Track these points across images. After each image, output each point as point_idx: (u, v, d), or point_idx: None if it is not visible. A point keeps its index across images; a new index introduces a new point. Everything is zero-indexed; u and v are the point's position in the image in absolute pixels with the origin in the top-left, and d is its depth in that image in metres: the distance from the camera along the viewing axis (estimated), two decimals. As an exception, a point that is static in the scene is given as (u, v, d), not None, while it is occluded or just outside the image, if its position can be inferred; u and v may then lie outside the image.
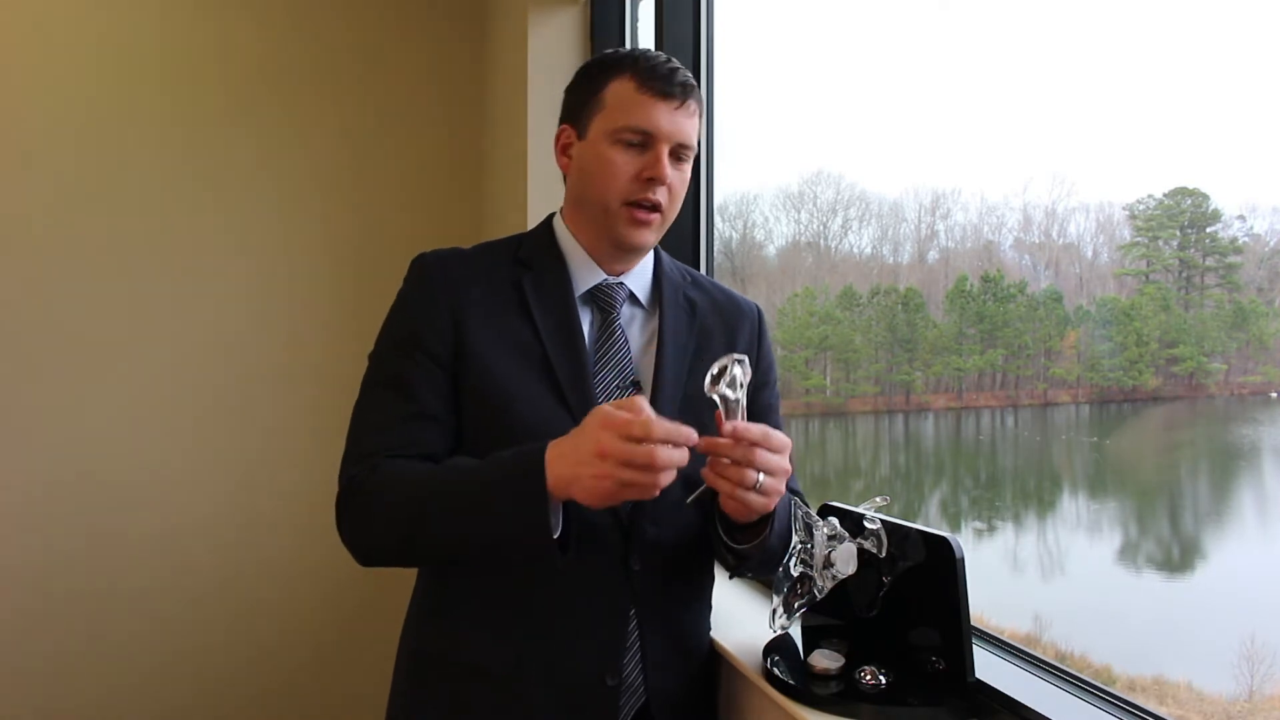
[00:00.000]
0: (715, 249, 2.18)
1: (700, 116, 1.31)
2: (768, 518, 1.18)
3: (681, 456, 1.05)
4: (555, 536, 1.10)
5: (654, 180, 1.25)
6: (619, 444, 1.03)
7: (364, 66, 2.95)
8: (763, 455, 1.09)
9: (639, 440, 1.03)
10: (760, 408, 1.40)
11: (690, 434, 1.06)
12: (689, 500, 1.17)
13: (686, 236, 2.12)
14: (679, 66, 1.29)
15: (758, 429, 1.10)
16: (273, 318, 2.89)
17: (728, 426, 1.10)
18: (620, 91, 1.26)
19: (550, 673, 1.23)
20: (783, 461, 1.12)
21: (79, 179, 2.75)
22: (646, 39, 2.35)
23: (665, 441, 1.04)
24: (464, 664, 1.27)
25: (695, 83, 1.30)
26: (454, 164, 3.03)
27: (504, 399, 1.24)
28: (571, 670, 1.24)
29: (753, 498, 1.10)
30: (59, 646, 2.72)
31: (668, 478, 1.05)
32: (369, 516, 1.21)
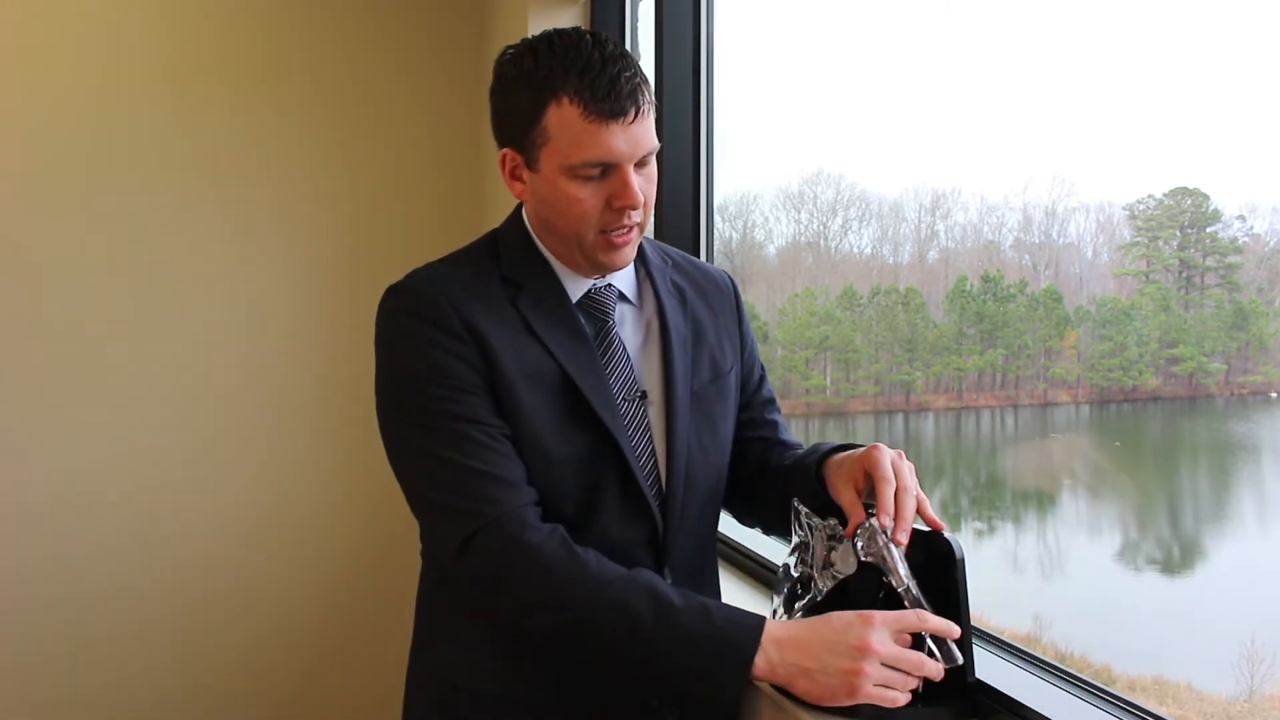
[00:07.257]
0: (715, 249, 2.18)
1: (652, 106, 1.17)
2: None
3: (935, 669, 1.06)
4: None
5: (626, 207, 1.14)
6: (891, 645, 1.04)
7: (363, 66, 2.95)
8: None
9: (918, 634, 1.07)
10: (753, 384, 1.38)
11: (953, 629, 1.08)
12: None
13: (687, 236, 2.12)
14: (619, 67, 1.11)
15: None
16: (275, 317, 2.89)
17: None
18: (565, 120, 1.10)
19: (588, 699, 1.19)
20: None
21: (77, 180, 2.75)
22: (646, 39, 2.35)
23: (939, 632, 1.07)
24: (493, 694, 1.21)
25: (639, 75, 1.14)
26: (454, 163, 3.03)
27: (536, 433, 1.16)
28: (610, 695, 1.19)
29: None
30: (58, 648, 2.72)
31: (914, 682, 1.06)
32: (546, 584, 1.09)
